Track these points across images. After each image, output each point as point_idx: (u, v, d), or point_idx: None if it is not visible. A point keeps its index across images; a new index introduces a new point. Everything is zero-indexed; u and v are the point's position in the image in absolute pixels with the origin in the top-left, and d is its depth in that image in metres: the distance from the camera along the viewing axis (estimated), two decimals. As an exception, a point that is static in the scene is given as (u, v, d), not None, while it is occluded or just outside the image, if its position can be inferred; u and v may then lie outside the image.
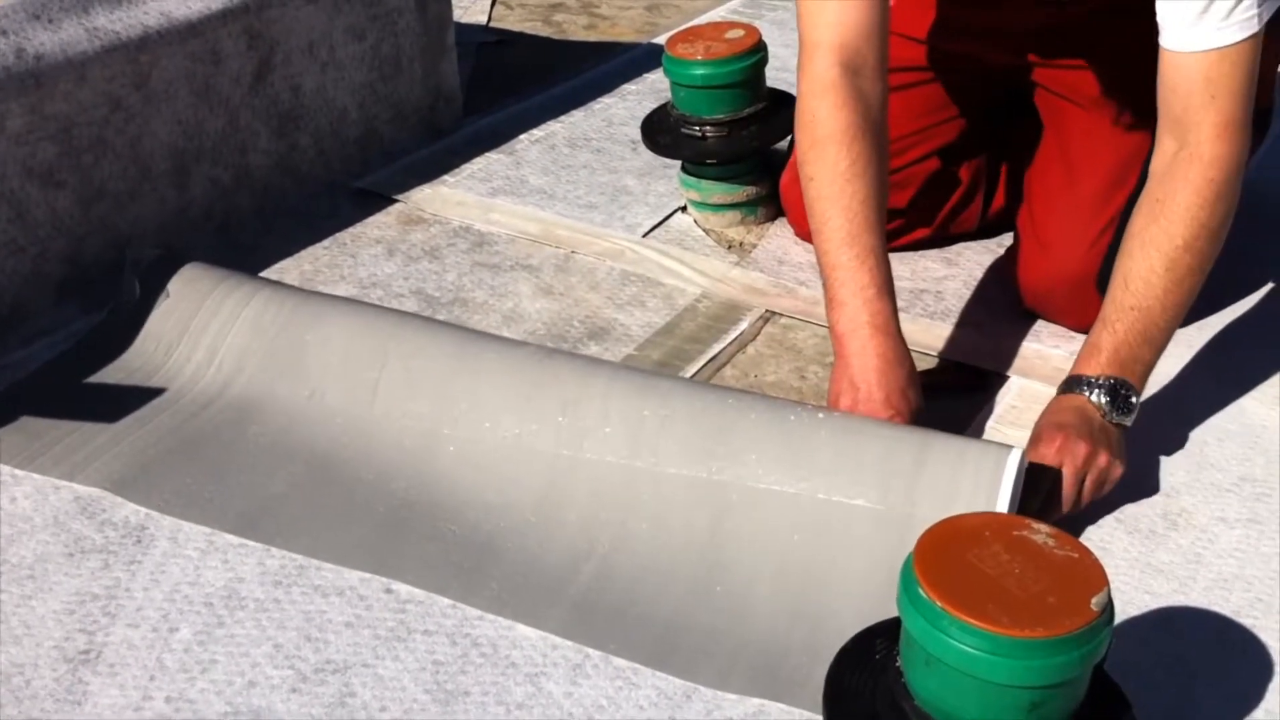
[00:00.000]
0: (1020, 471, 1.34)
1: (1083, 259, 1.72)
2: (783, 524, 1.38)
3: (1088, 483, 1.41)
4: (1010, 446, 1.37)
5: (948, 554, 1.04)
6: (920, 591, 1.01)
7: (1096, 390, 1.44)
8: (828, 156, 1.53)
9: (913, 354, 1.69)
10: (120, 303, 1.75)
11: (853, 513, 1.36)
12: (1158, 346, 1.46)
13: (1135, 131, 1.73)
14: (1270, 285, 1.88)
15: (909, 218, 1.94)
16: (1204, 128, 1.41)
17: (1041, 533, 1.06)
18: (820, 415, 1.42)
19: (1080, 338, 1.74)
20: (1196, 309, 1.77)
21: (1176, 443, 1.58)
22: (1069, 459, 1.40)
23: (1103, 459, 1.41)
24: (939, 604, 0.99)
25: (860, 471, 1.37)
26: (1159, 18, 1.42)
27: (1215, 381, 1.69)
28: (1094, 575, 1.02)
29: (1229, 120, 1.41)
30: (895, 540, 1.30)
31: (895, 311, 1.50)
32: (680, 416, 1.45)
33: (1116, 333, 1.45)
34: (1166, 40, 1.42)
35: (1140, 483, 1.52)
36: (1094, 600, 1.00)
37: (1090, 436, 1.41)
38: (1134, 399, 1.45)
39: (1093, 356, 1.46)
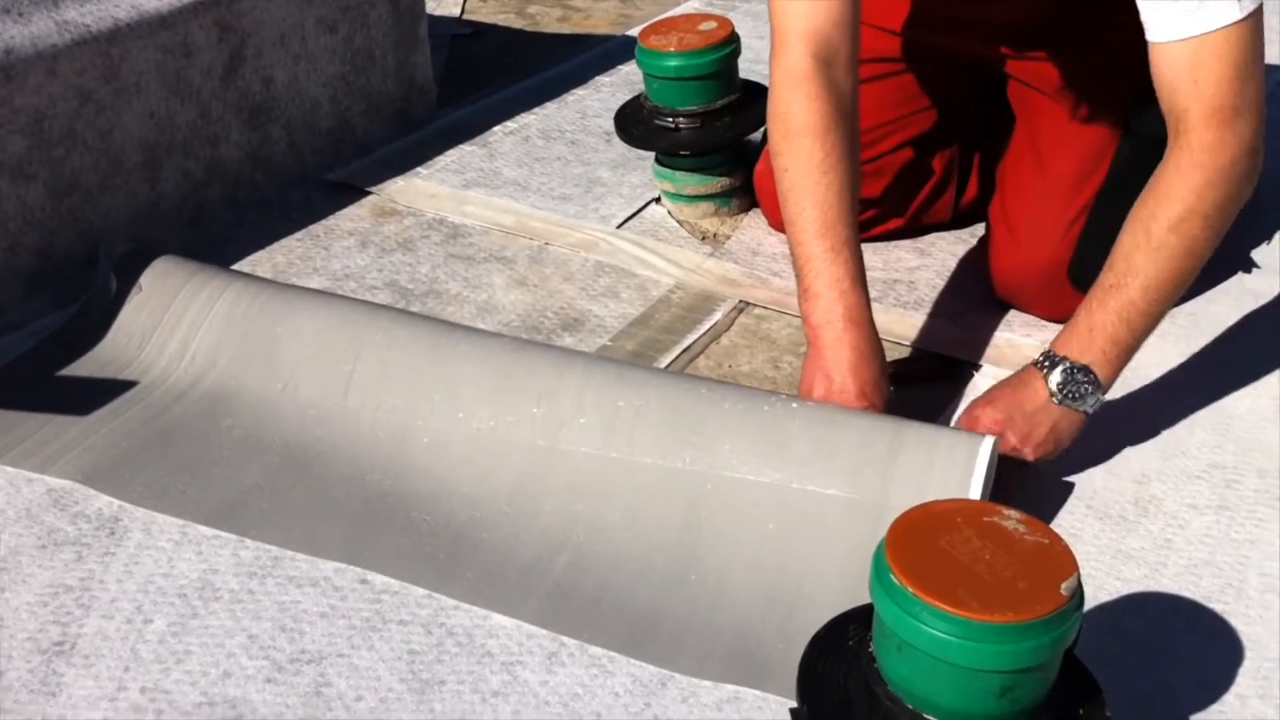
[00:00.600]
0: (993, 460, 1.35)
1: (1053, 248, 1.73)
2: (757, 513, 1.39)
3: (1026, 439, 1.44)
4: (983, 435, 1.38)
5: (920, 540, 1.04)
6: (892, 577, 1.01)
7: (1051, 369, 1.44)
8: (802, 149, 1.53)
9: (885, 343, 1.70)
10: (93, 296, 1.74)
11: (826, 502, 1.37)
12: (1136, 329, 1.44)
13: (1104, 122, 1.74)
14: (1241, 274, 1.89)
15: (882, 208, 1.95)
16: (1191, 115, 1.42)
17: (1012, 519, 1.07)
18: (794, 405, 1.43)
19: (1053, 327, 1.76)
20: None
21: (1147, 430, 1.60)
22: (973, 428, 1.43)
23: (1010, 438, 1.43)
24: (910, 589, 1.00)
25: (833, 461, 1.38)
26: (1142, 14, 1.43)
27: (1186, 369, 1.71)
28: (1064, 561, 1.03)
29: (1217, 107, 1.41)
30: (868, 529, 1.31)
31: (868, 303, 1.51)
32: (655, 407, 1.46)
33: (1092, 312, 1.45)
34: (1150, 34, 1.43)
35: (1111, 469, 1.53)
36: (1064, 585, 1.00)
37: (1006, 412, 1.44)
38: (1089, 385, 1.43)
39: (1064, 334, 1.47)
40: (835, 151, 1.52)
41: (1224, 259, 1.92)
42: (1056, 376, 1.44)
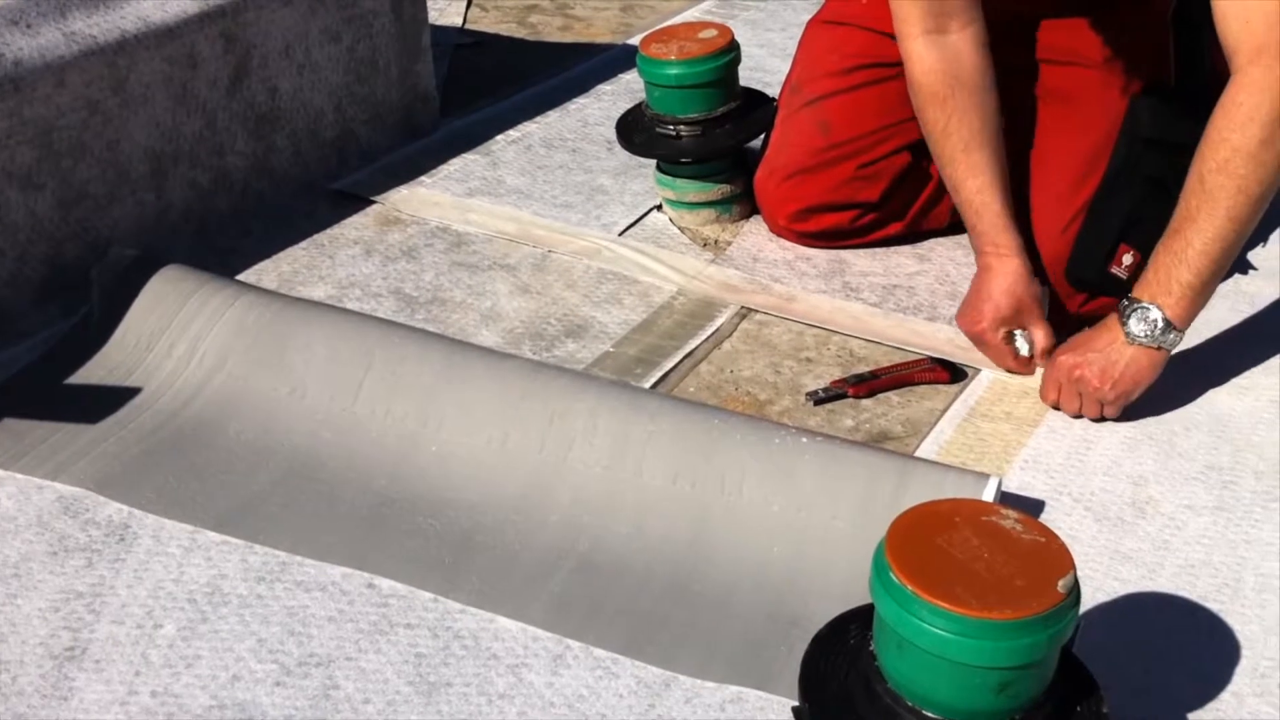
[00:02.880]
0: (996, 499, 1.37)
1: (1051, 248, 1.75)
2: (762, 537, 1.41)
3: (1065, 394, 1.60)
4: (987, 475, 1.40)
5: (919, 539, 1.06)
6: (892, 575, 1.03)
7: (1125, 312, 1.56)
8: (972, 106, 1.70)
9: (884, 348, 1.73)
10: (98, 302, 1.76)
11: (832, 531, 1.39)
12: (1198, 269, 1.52)
13: (1101, 125, 1.76)
14: (1237, 276, 1.91)
15: (881, 212, 1.97)
16: (1239, 55, 1.47)
17: (1010, 518, 1.08)
18: (804, 440, 1.45)
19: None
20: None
21: (1145, 432, 1.61)
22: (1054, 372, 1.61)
23: (1091, 378, 1.58)
24: (910, 587, 1.01)
25: (840, 494, 1.41)
26: None
27: (1183, 372, 1.72)
28: (1061, 559, 1.05)
29: (1264, 46, 1.45)
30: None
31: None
32: (666, 432, 1.48)
33: (1158, 257, 1.54)
34: None
35: (1108, 471, 1.55)
36: (1060, 583, 1.02)
37: (1084, 354, 1.58)
38: (1159, 323, 1.54)
39: (1138, 283, 1.57)
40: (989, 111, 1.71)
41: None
42: (1129, 317, 1.56)
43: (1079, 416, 1.63)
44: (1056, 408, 1.64)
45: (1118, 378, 1.57)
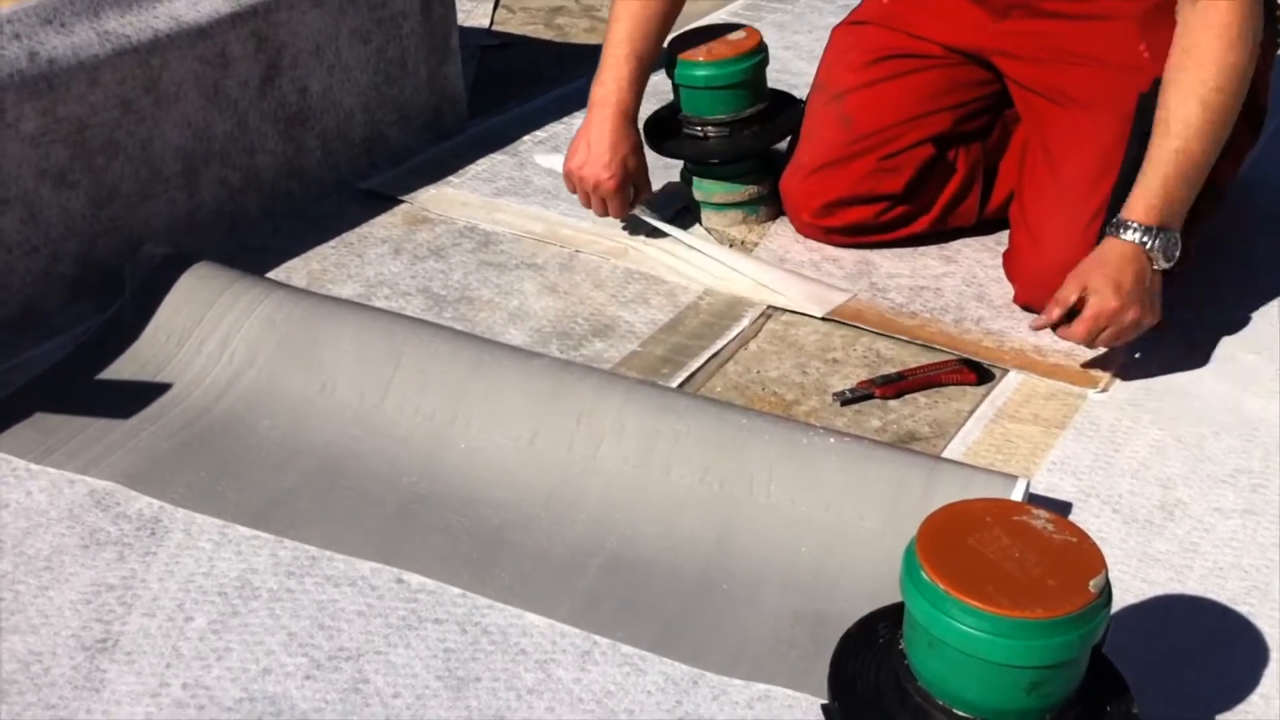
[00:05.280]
0: (1024, 501, 1.36)
1: (1072, 249, 1.75)
2: (790, 537, 1.41)
3: (1107, 333, 1.62)
4: (1016, 476, 1.40)
5: (950, 538, 1.06)
6: (923, 574, 1.03)
7: (1149, 237, 1.60)
8: None
9: (913, 348, 1.72)
10: (130, 298, 1.77)
11: (860, 533, 1.39)
12: (1195, 186, 1.62)
13: (1113, 123, 1.76)
14: (1267, 280, 1.90)
15: (906, 206, 1.98)
16: None
17: (1041, 518, 1.08)
18: (831, 440, 1.45)
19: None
20: (1194, 303, 1.81)
21: (1174, 435, 1.61)
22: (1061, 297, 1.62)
23: (1131, 313, 1.61)
24: (941, 586, 1.01)
25: (868, 495, 1.41)
26: None
27: (1212, 375, 1.72)
28: (1092, 559, 1.05)
29: None
30: (899, 556, 1.32)
31: (638, 106, 1.92)
32: (694, 432, 1.48)
33: (1163, 177, 1.60)
34: None
35: (1137, 474, 1.54)
36: (1092, 583, 1.02)
37: (1084, 275, 1.62)
38: (1176, 246, 1.61)
39: (1143, 201, 1.60)
40: None
41: (1246, 268, 1.94)
42: (1154, 243, 1.61)
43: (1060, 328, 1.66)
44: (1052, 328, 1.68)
45: (1128, 287, 1.60)
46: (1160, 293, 1.64)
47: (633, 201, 1.99)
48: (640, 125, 1.98)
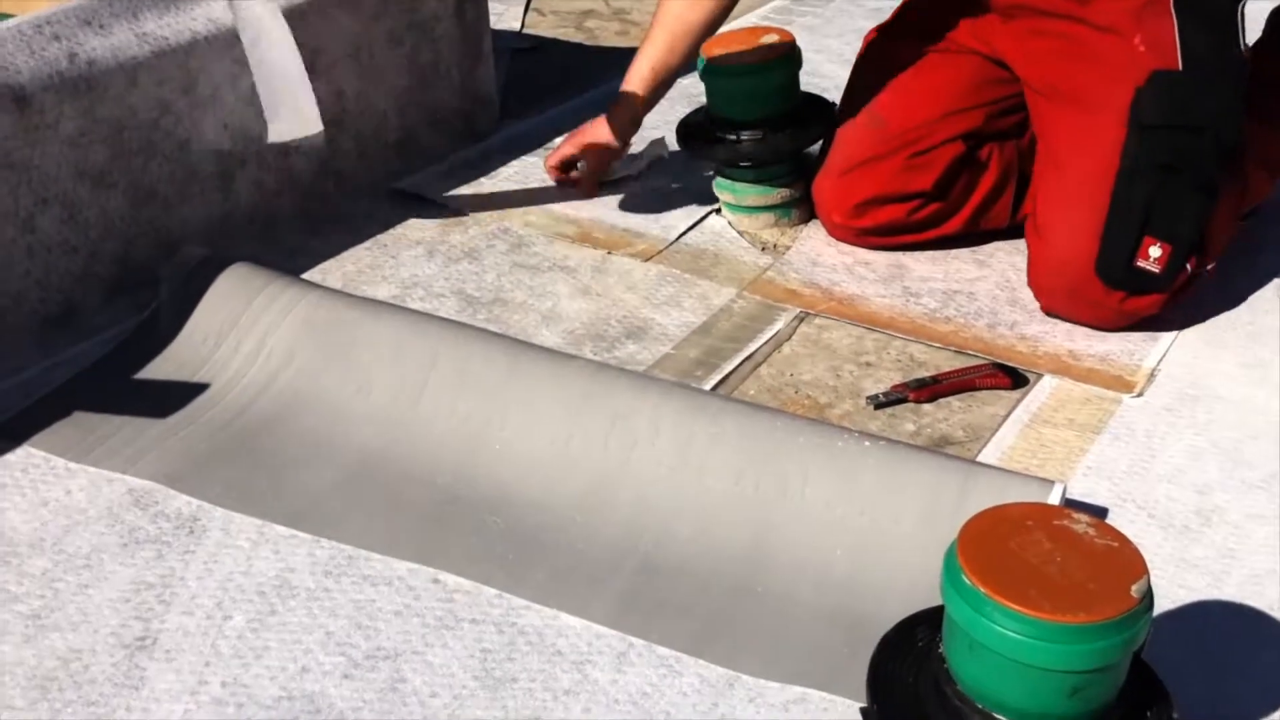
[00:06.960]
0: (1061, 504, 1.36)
1: (1080, 246, 1.75)
2: (826, 541, 1.41)
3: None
4: (1052, 481, 1.40)
5: (991, 542, 1.06)
6: (964, 578, 1.03)
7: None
8: None
9: (946, 353, 1.72)
10: (167, 300, 1.78)
11: (897, 536, 1.39)
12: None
13: (1110, 118, 1.76)
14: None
15: (939, 205, 1.98)
16: None
17: (1082, 522, 1.08)
18: (866, 443, 1.45)
19: (1115, 336, 1.77)
20: (1226, 306, 1.81)
21: (1210, 440, 1.60)
22: None
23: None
24: (983, 590, 1.01)
25: (904, 500, 1.41)
26: None
27: (1249, 380, 1.71)
28: (1134, 563, 1.05)
29: None
30: (936, 561, 1.31)
31: (651, 105, 2.06)
32: (729, 435, 1.48)
33: None
34: None
35: (1173, 480, 1.54)
36: (1134, 587, 1.02)
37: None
38: None
39: None
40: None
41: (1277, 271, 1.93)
42: None
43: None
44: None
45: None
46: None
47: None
48: (674, 129, 1.99)
